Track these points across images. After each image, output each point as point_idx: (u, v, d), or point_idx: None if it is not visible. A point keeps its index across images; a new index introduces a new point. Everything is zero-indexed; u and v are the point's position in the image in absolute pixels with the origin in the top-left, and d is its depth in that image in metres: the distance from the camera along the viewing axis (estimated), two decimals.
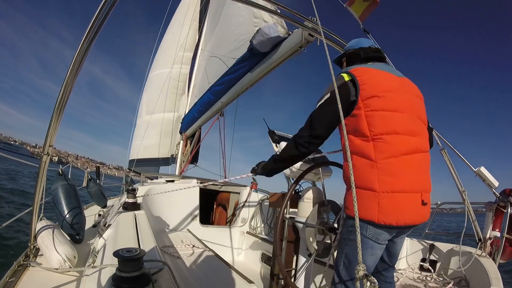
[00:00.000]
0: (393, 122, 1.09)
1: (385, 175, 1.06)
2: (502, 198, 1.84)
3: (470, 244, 1.87)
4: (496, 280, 1.39)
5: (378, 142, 1.08)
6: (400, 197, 1.06)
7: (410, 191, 1.08)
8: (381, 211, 1.05)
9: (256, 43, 2.60)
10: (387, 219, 1.05)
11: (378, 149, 1.08)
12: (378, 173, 1.06)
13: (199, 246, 2.29)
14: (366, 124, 1.09)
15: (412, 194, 1.09)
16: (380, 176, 1.06)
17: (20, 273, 1.29)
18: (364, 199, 1.07)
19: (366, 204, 1.07)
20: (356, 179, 1.07)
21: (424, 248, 2.00)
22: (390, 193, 1.05)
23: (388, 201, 1.05)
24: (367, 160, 1.09)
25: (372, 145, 1.08)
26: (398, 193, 1.06)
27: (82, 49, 0.88)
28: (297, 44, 2.26)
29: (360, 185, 1.08)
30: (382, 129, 1.08)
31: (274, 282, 1.54)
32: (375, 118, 1.09)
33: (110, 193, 5.42)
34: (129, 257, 0.68)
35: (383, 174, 1.06)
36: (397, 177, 1.06)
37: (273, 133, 2.07)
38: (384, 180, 1.06)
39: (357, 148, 1.11)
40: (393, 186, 1.06)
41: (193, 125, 4.86)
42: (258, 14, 2.80)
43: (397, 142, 1.08)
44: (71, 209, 1.83)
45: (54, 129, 1.10)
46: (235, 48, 3.31)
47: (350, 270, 1.13)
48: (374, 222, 1.06)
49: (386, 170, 1.06)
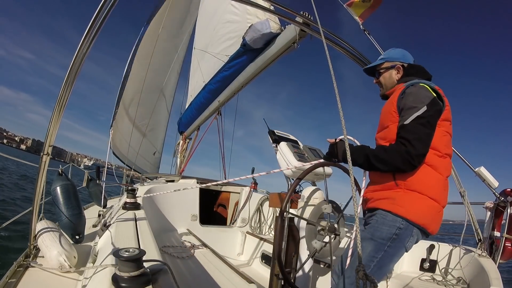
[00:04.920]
0: (450, 149, 1.26)
1: (445, 190, 1.22)
2: (502, 198, 1.84)
3: (470, 244, 1.87)
4: (496, 280, 1.39)
5: (446, 159, 1.23)
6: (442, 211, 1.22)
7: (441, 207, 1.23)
8: (435, 221, 1.20)
9: (248, 39, 2.60)
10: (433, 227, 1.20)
11: (443, 166, 1.21)
12: (442, 188, 1.20)
13: (199, 246, 2.29)
14: (440, 141, 1.19)
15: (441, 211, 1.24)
16: (442, 192, 1.20)
17: (20, 274, 1.29)
18: (426, 207, 1.17)
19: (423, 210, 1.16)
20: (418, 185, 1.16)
21: (424, 248, 2.00)
22: (443, 207, 1.21)
23: (440, 214, 1.21)
24: (437, 173, 1.19)
25: (442, 161, 1.20)
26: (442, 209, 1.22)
27: (82, 48, 0.88)
28: (291, 40, 2.27)
29: (424, 192, 1.16)
30: (447, 151, 1.23)
31: (274, 282, 1.54)
32: (445, 139, 1.22)
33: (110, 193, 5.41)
34: (129, 257, 0.68)
35: (445, 190, 1.22)
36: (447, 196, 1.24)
37: (273, 133, 2.07)
38: (444, 194, 1.21)
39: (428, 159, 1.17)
40: (446, 202, 1.23)
41: (192, 125, 4.85)
42: (251, 11, 2.80)
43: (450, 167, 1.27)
44: (71, 209, 1.83)
45: (54, 129, 1.10)
46: (229, 45, 3.30)
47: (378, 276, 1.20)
48: (426, 229, 1.18)
49: (445, 187, 1.22)
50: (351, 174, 0.92)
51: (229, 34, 3.30)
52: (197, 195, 2.97)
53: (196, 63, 4.63)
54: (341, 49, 2.22)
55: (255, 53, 2.74)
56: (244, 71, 3.02)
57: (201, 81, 4.17)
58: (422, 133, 1.11)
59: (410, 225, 1.15)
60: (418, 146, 1.10)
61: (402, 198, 1.16)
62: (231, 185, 3.39)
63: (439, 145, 1.18)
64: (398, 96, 1.25)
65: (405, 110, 1.18)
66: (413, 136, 1.10)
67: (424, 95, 1.17)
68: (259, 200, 3.15)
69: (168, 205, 2.73)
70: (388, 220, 1.17)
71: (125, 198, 1.75)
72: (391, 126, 1.25)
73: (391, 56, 1.44)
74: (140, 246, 1.02)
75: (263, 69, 2.85)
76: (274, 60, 2.64)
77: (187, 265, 1.87)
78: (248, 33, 2.61)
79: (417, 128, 1.12)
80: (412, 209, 1.15)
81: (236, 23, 3.14)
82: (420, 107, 1.14)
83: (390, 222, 1.17)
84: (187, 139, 5.31)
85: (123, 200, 1.80)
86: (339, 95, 0.95)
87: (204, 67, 4.19)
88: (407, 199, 1.15)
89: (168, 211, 2.72)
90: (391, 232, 1.16)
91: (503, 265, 1.71)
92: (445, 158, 1.21)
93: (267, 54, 2.59)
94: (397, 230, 1.15)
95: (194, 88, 4.69)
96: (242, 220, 3.12)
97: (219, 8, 3.66)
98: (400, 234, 1.15)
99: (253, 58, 2.81)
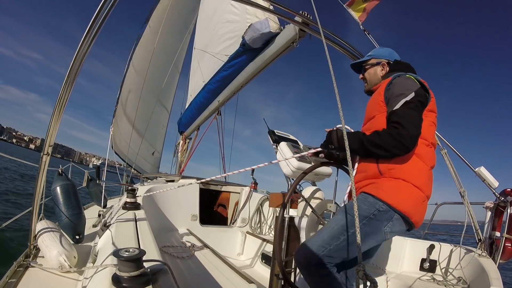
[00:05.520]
0: (435, 140, 1.27)
1: (429, 180, 1.21)
2: (502, 198, 1.84)
3: (470, 244, 1.87)
4: (496, 280, 1.39)
5: (431, 149, 1.24)
6: (426, 202, 1.21)
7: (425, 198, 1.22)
8: (419, 212, 1.18)
9: (248, 39, 2.60)
10: (417, 218, 1.17)
11: (429, 156, 1.22)
12: (427, 178, 1.20)
13: (199, 246, 2.29)
14: (427, 131, 1.20)
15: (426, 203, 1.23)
16: (427, 181, 1.20)
17: (20, 273, 1.29)
18: (406, 192, 1.16)
19: (407, 198, 1.15)
20: (403, 173, 1.16)
21: (424, 248, 2.00)
22: (427, 198, 1.20)
23: (424, 204, 1.20)
24: (422, 162, 1.19)
25: (428, 151, 1.21)
26: (426, 200, 1.21)
27: (83, 48, 0.88)
28: (290, 39, 2.27)
29: (408, 179, 1.16)
30: (433, 141, 1.25)
31: (274, 282, 1.54)
32: (431, 129, 1.24)
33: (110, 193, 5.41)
34: (128, 257, 0.68)
35: (429, 179, 1.21)
36: (431, 186, 1.23)
37: (272, 133, 2.06)
38: (428, 185, 1.20)
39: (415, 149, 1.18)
40: (430, 192, 1.21)
41: (192, 125, 4.85)
42: (251, 11, 2.80)
43: (435, 157, 1.27)
44: (71, 209, 1.83)
45: (54, 129, 1.10)
46: (229, 45, 3.30)
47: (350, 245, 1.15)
48: (409, 218, 1.15)
49: (429, 177, 1.22)
50: (351, 174, 0.92)
51: (229, 34, 3.30)
52: (197, 195, 2.97)
53: (196, 63, 4.63)
54: (341, 49, 2.22)
55: (255, 53, 2.74)
56: (244, 70, 3.02)
57: (201, 81, 4.17)
58: (412, 116, 1.13)
59: (391, 210, 1.14)
60: (411, 127, 1.10)
61: (385, 184, 1.17)
62: (231, 185, 3.39)
63: (427, 134, 1.20)
64: (385, 86, 1.28)
65: (392, 98, 1.20)
66: (404, 119, 1.12)
67: (411, 84, 1.21)
68: (259, 200, 3.15)
69: (168, 205, 2.73)
70: (369, 201, 1.18)
71: (125, 198, 1.75)
72: (378, 116, 1.26)
73: (378, 53, 1.49)
74: (140, 246, 1.02)
75: (263, 69, 2.84)
76: (273, 59, 2.64)
77: (187, 265, 1.87)
78: (248, 33, 2.61)
79: (407, 112, 1.14)
80: (395, 194, 1.14)
81: (235, 22, 3.14)
82: (407, 93, 1.17)
83: (371, 203, 1.17)
84: (187, 139, 5.31)
85: (123, 200, 1.79)
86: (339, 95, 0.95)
87: (204, 67, 4.19)
88: (391, 185, 1.15)
89: (168, 211, 2.72)
90: (369, 211, 1.15)
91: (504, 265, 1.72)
92: (430, 148, 1.23)
93: (266, 53, 2.59)
94: (375, 211, 1.15)
95: (194, 88, 4.69)
96: (242, 220, 3.12)
97: (219, 8, 3.66)
98: (379, 216, 1.14)
99: (252, 58, 2.81)
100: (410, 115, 1.13)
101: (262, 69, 2.85)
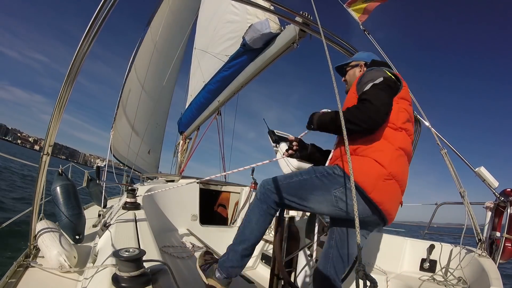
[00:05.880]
0: (408, 126, 1.28)
1: (397, 161, 1.19)
2: (502, 198, 1.84)
3: (470, 244, 1.87)
4: (496, 280, 1.39)
5: (401, 133, 1.24)
6: (395, 185, 1.18)
7: (401, 185, 1.21)
8: (377, 189, 1.13)
9: (248, 39, 2.60)
10: (377, 196, 1.13)
11: (397, 139, 1.22)
12: (393, 157, 1.18)
13: (199, 246, 2.29)
14: (396, 116, 1.23)
15: (400, 190, 1.22)
16: (393, 160, 1.18)
17: (20, 273, 1.29)
18: (368, 166, 1.16)
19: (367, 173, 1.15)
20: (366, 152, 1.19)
21: (424, 248, 2.00)
22: (392, 177, 1.16)
23: (388, 183, 1.16)
24: (387, 142, 1.21)
25: (395, 133, 1.22)
26: (396, 181, 1.18)
27: (83, 48, 0.87)
28: (290, 40, 2.27)
29: (370, 155, 1.18)
30: (404, 127, 1.25)
31: (274, 282, 1.54)
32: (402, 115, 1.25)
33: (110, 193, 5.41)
34: (128, 257, 0.68)
35: (397, 160, 1.19)
36: (400, 168, 1.20)
37: (273, 133, 2.06)
38: (393, 164, 1.17)
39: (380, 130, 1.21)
40: (395, 170, 1.17)
41: (192, 125, 4.85)
42: (251, 11, 2.81)
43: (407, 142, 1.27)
44: (71, 209, 1.83)
45: (54, 129, 1.10)
46: (229, 45, 3.30)
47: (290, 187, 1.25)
48: (366, 193, 1.13)
49: (398, 158, 1.20)
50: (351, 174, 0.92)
51: (229, 34, 3.30)
52: (197, 195, 2.97)
53: (197, 63, 4.63)
54: (341, 49, 2.22)
55: (255, 53, 2.74)
56: (244, 71, 3.02)
57: (201, 81, 4.17)
58: (380, 94, 1.19)
59: (345, 176, 1.18)
60: (377, 102, 1.15)
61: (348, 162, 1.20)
62: (231, 185, 3.39)
63: (395, 119, 1.23)
64: (357, 80, 1.35)
65: (362, 85, 1.26)
66: (372, 96, 1.17)
67: (381, 73, 1.28)
68: None
69: (168, 205, 2.73)
70: (329, 166, 1.27)
71: (125, 198, 1.75)
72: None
73: (358, 57, 1.62)
74: (140, 246, 1.02)
75: (263, 69, 2.84)
76: (273, 60, 2.63)
77: (187, 265, 1.87)
78: (248, 33, 2.61)
79: (375, 91, 1.20)
80: (354, 166, 1.14)
81: (236, 23, 3.14)
82: (376, 79, 1.24)
83: (330, 167, 1.26)
84: (187, 139, 5.31)
85: (123, 200, 1.80)
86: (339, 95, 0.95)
87: (204, 67, 4.19)
88: (353, 160, 1.17)
89: (168, 211, 2.72)
90: (325, 169, 1.24)
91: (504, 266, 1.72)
92: (400, 132, 1.24)
93: (266, 54, 2.59)
94: (331, 172, 1.22)
95: (194, 88, 4.70)
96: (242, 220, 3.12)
97: (219, 8, 3.66)
98: (332, 177, 1.20)
99: (252, 58, 2.80)
100: (378, 93, 1.19)
101: (263, 70, 2.85)
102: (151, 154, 7.24)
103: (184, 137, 5.30)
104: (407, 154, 1.26)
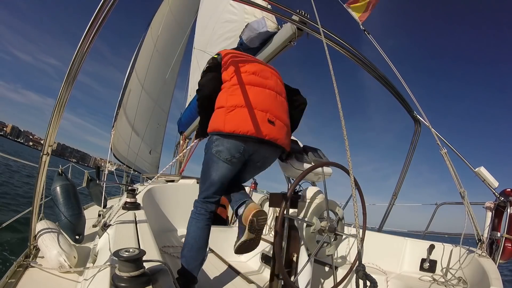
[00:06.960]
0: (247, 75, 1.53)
1: (231, 95, 1.43)
2: (502, 198, 1.84)
3: (470, 244, 1.87)
4: (496, 280, 1.39)
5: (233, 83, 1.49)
6: (242, 111, 1.39)
7: (254, 108, 1.41)
8: (227, 121, 1.37)
9: (245, 38, 2.59)
10: (230, 127, 1.36)
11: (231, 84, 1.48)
12: (227, 94, 1.44)
13: None
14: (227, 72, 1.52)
15: (255, 111, 1.40)
16: (228, 96, 1.43)
17: (20, 274, 1.29)
18: (215, 116, 1.44)
19: (216, 119, 1.42)
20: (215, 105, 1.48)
21: (424, 248, 2.00)
22: (234, 107, 1.39)
23: (233, 114, 1.38)
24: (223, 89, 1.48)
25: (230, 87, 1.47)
26: (240, 107, 1.39)
27: (82, 47, 0.87)
28: (288, 38, 2.27)
29: (217, 106, 1.46)
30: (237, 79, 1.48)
31: (274, 282, 1.54)
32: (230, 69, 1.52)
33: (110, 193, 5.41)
34: (128, 257, 0.68)
35: (230, 94, 1.44)
36: (240, 96, 1.42)
37: None
38: (230, 99, 1.42)
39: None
40: (236, 102, 1.40)
41: (191, 125, 4.84)
42: (249, 10, 2.80)
43: (248, 78, 1.49)
44: (71, 209, 1.83)
45: (54, 128, 1.10)
46: (227, 45, 3.29)
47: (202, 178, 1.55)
48: (221, 131, 1.37)
49: (232, 91, 1.44)
50: (351, 174, 0.92)
51: (227, 34, 3.30)
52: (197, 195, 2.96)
53: (196, 63, 4.63)
54: (340, 48, 2.21)
55: (252, 52, 2.74)
56: None
57: None
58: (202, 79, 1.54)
59: (211, 135, 1.45)
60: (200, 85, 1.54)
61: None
62: None
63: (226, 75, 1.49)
64: None
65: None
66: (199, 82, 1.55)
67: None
68: (259, 200, 3.15)
69: (168, 205, 2.73)
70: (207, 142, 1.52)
71: (125, 198, 1.75)
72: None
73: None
74: (140, 246, 1.02)
75: None
76: (271, 59, 2.63)
77: None
78: (245, 32, 2.60)
79: (200, 77, 1.57)
80: (210, 122, 1.46)
81: (234, 22, 3.14)
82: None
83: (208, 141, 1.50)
84: (187, 139, 5.30)
85: (123, 200, 1.80)
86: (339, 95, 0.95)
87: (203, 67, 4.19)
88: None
89: (168, 211, 2.72)
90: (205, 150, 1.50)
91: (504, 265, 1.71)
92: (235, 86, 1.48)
93: (264, 53, 2.58)
94: (208, 144, 1.48)
95: (193, 87, 4.70)
96: None
97: (218, 8, 3.66)
98: (208, 145, 1.47)
99: None
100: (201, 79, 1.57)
101: None
102: (152, 154, 7.25)
103: (184, 137, 5.29)
104: (259, 86, 1.48)
